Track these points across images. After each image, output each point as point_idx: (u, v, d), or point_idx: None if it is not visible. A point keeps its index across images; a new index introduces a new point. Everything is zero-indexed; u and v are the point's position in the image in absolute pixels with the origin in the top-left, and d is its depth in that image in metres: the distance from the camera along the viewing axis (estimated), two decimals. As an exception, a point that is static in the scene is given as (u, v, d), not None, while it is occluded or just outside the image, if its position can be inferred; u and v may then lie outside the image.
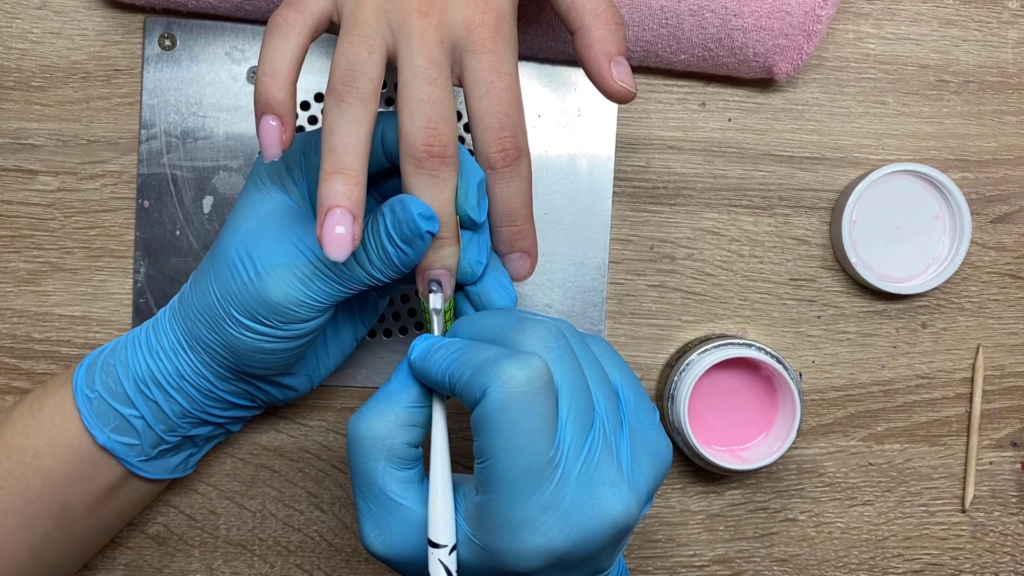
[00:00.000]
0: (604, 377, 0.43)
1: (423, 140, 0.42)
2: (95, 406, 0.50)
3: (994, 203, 0.62)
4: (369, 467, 0.43)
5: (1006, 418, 0.63)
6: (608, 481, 0.40)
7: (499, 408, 0.39)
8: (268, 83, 0.42)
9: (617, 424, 0.42)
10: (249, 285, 0.46)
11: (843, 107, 0.61)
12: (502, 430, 0.39)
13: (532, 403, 0.39)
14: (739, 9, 0.55)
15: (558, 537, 0.39)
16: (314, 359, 0.53)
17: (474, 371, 0.40)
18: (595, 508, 0.40)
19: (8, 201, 0.57)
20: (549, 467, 0.39)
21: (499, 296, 0.46)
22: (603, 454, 0.41)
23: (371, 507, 0.43)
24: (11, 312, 0.58)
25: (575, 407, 0.40)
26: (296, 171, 0.48)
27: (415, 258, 0.44)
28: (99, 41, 0.57)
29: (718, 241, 0.61)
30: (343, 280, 0.45)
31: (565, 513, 0.39)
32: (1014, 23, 0.62)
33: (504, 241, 0.46)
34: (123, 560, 0.59)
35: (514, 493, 0.39)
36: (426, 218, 0.42)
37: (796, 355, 0.62)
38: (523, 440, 0.39)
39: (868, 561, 0.62)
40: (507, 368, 0.39)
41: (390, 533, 0.43)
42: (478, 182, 0.44)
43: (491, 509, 0.40)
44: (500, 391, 0.39)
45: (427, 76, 0.42)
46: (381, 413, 0.43)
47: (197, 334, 0.48)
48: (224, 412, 0.52)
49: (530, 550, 0.39)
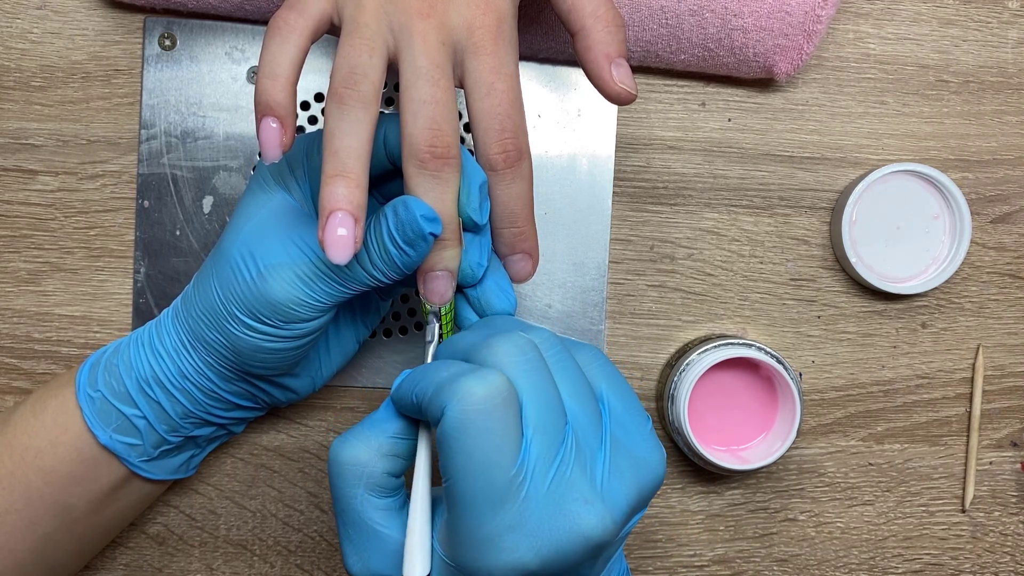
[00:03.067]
0: (586, 389, 0.41)
1: (426, 141, 0.42)
2: (97, 406, 0.50)
3: (994, 203, 0.62)
4: (348, 493, 0.42)
5: (1006, 418, 0.63)
6: (580, 498, 0.39)
7: (456, 426, 0.38)
8: (268, 85, 0.42)
9: (595, 438, 0.41)
10: (251, 284, 0.46)
11: (843, 107, 0.61)
12: (460, 449, 0.38)
13: (489, 420, 0.38)
14: (739, 9, 0.55)
15: (527, 554, 0.38)
16: (316, 361, 0.53)
17: (435, 389, 0.39)
18: (565, 525, 0.39)
19: (8, 201, 0.57)
20: (512, 485, 0.38)
21: (498, 300, 0.46)
22: (575, 470, 0.39)
23: (350, 533, 0.42)
24: (11, 312, 0.58)
25: (542, 423, 0.39)
26: (299, 172, 0.48)
27: (417, 260, 0.43)
28: (99, 41, 0.57)
29: (718, 241, 0.61)
30: (345, 281, 0.45)
31: (532, 531, 0.38)
32: (1014, 23, 0.62)
33: (505, 243, 0.46)
34: (123, 560, 0.59)
35: (476, 512, 0.38)
36: (429, 220, 0.42)
37: (796, 355, 0.62)
38: (481, 459, 0.38)
39: (868, 561, 0.62)
40: (464, 385, 0.38)
41: (368, 559, 0.42)
42: (480, 184, 0.44)
43: (457, 528, 0.39)
44: (456, 409, 0.38)
45: (429, 77, 0.42)
46: (364, 440, 0.42)
47: (200, 334, 0.48)
48: (226, 413, 0.52)
49: (498, 567, 0.39)
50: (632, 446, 0.41)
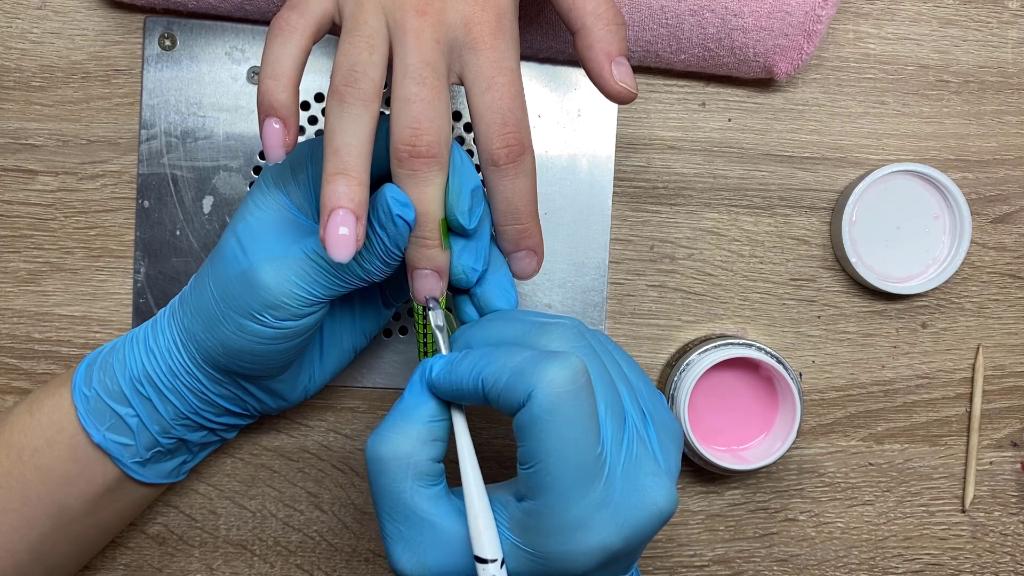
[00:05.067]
0: (621, 371, 0.43)
1: (405, 139, 0.42)
2: (92, 404, 0.50)
3: (994, 203, 0.62)
4: (396, 488, 0.42)
5: (1006, 418, 0.63)
6: (649, 472, 0.41)
7: (547, 409, 0.38)
8: (271, 86, 0.42)
9: (641, 415, 0.42)
10: (242, 278, 0.46)
11: (843, 107, 0.61)
12: (551, 432, 0.38)
13: (578, 401, 0.39)
14: (739, 9, 0.55)
15: (612, 534, 0.39)
16: (309, 367, 0.53)
17: (512, 374, 0.39)
18: (641, 500, 0.40)
19: (8, 201, 0.57)
20: (597, 464, 0.39)
21: (500, 301, 0.46)
22: (640, 446, 0.41)
23: (401, 529, 0.42)
24: (11, 312, 0.57)
25: (610, 403, 0.40)
26: (301, 176, 0.48)
27: (392, 246, 0.43)
28: (99, 41, 0.57)
29: (718, 241, 0.61)
30: (335, 272, 0.45)
31: (616, 509, 0.39)
32: (1014, 23, 0.62)
33: (509, 240, 0.46)
34: (123, 560, 0.59)
35: (567, 494, 0.39)
36: (400, 203, 0.42)
37: (796, 355, 0.62)
38: (573, 440, 0.39)
39: (868, 561, 0.62)
40: (550, 369, 0.39)
41: (424, 554, 0.42)
42: (472, 188, 0.43)
43: (542, 514, 0.39)
44: (546, 392, 0.38)
45: (417, 75, 0.42)
46: (402, 431, 0.42)
47: (193, 332, 0.48)
48: (216, 417, 0.52)
49: (586, 550, 0.39)
50: (662, 418, 0.43)
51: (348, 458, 0.59)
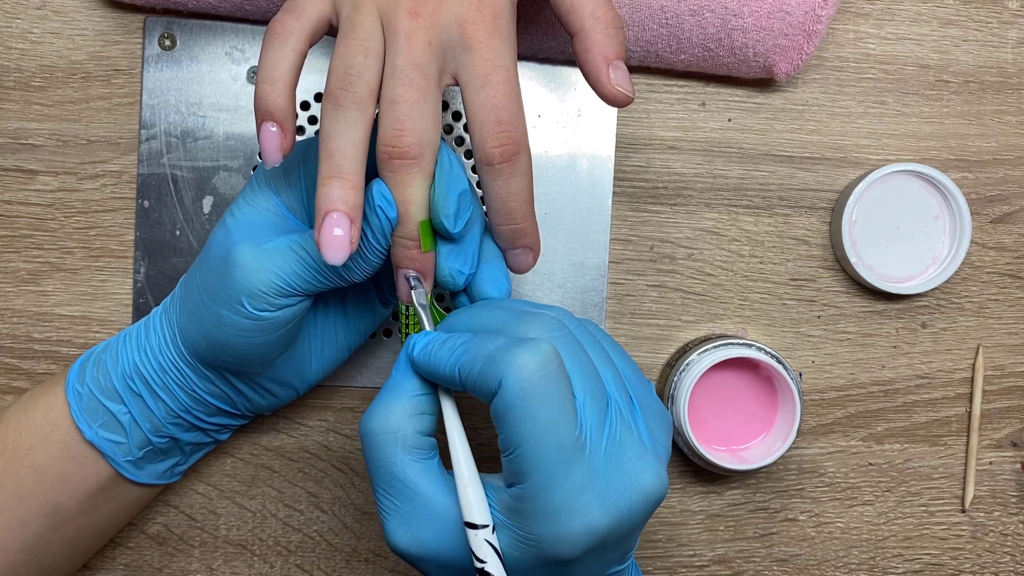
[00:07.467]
0: (608, 358, 0.43)
1: (387, 140, 0.42)
2: (85, 402, 0.50)
3: (994, 203, 0.62)
4: (388, 461, 0.42)
5: (1006, 418, 0.63)
6: (634, 455, 0.41)
7: (518, 395, 0.39)
8: (267, 90, 0.42)
9: (628, 400, 0.42)
10: (223, 260, 0.46)
11: (843, 107, 0.61)
12: (526, 417, 0.39)
13: (550, 385, 0.39)
14: (739, 9, 0.55)
15: (599, 516, 0.40)
16: (300, 364, 0.53)
17: (485, 362, 0.40)
18: (628, 482, 0.40)
19: (8, 201, 0.57)
20: (577, 447, 0.39)
21: (491, 290, 0.46)
22: (623, 430, 0.41)
23: (396, 503, 0.42)
24: (11, 312, 0.58)
25: (589, 388, 0.40)
26: (293, 176, 0.48)
27: (372, 239, 0.43)
28: (99, 41, 0.57)
29: (718, 241, 0.61)
30: (315, 267, 0.45)
31: (601, 491, 0.40)
32: (1014, 23, 0.61)
33: (505, 239, 0.46)
34: (123, 560, 0.59)
35: (549, 477, 0.39)
36: (383, 196, 0.42)
37: (796, 355, 0.62)
38: (547, 423, 0.39)
39: (868, 561, 0.62)
40: (519, 356, 0.39)
41: (418, 527, 0.42)
42: (459, 192, 0.43)
43: (528, 498, 0.40)
44: (515, 378, 0.39)
45: (403, 77, 0.42)
46: (389, 407, 0.43)
47: (181, 327, 0.49)
48: (208, 417, 0.52)
49: (573, 532, 0.39)
50: (650, 404, 0.43)
51: (348, 458, 0.59)
